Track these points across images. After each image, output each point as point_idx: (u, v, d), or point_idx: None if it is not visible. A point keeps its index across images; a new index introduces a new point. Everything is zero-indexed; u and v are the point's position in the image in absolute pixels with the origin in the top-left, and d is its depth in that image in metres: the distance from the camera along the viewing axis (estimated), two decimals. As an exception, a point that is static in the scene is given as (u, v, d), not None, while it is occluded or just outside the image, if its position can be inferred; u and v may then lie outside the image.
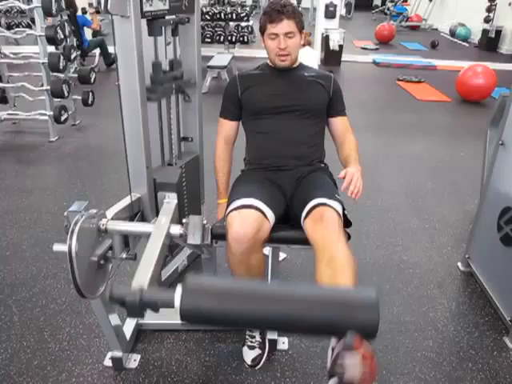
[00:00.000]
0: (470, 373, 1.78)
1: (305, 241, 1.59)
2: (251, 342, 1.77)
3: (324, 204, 1.54)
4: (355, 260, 1.41)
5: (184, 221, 1.40)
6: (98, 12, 8.03)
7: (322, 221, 1.49)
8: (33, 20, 5.20)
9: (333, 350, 1.09)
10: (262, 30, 1.74)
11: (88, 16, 7.29)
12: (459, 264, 2.45)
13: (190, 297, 1.02)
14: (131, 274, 2.32)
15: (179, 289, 1.02)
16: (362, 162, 1.76)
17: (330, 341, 1.16)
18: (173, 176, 1.72)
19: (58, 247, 1.26)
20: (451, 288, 2.29)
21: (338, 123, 1.88)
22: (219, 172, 1.93)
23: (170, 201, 1.61)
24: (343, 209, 1.60)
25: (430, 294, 2.22)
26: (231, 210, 1.56)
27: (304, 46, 1.68)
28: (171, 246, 2.10)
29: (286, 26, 1.68)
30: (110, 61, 7.02)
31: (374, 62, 8.54)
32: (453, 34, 12.49)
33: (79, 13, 6.66)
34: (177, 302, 1.01)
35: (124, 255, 1.48)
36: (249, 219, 1.50)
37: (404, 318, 2.06)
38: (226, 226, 1.54)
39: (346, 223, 1.62)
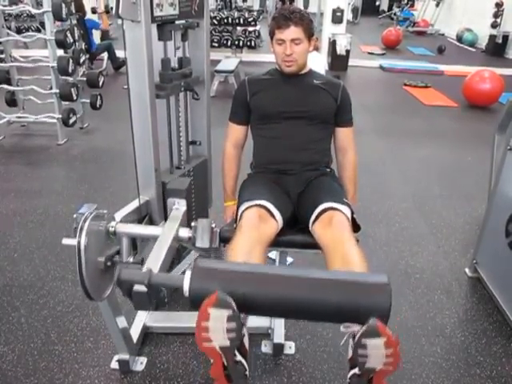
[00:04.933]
0: (479, 379, 1.76)
1: (312, 245, 1.59)
2: None
3: (333, 208, 1.54)
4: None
5: (192, 224, 1.40)
6: (107, 12, 8.07)
7: (331, 224, 1.49)
8: (42, 24, 5.27)
9: (353, 337, 1.06)
10: (271, 36, 1.75)
11: (96, 16, 7.31)
12: (467, 269, 2.44)
13: (201, 280, 0.97)
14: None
15: (189, 272, 0.99)
16: (369, 167, 1.77)
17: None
18: (183, 182, 1.73)
19: (68, 241, 1.26)
20: (459, 294, 2.27)
21: (342, 134, 1.89)
22: (227, 175, 1.93)
23: (179, 207, 1.61)
24: (352, 213, 1.61)
25: (437, 300, 2.21)
26: (243, 212, 1.56)
27: (311, 51, 1.67)
28: (179, 250, 2.11)
29: (293, 32, 1.68)
30: (117, 64, 7.07)
31: (381, 67, 8.54)
32: (460, 39, 12.47)
33: (88, 15, 6.71)
34: (186, 286, 0.97)
35: (131, 259, 1.49)
36: (259, 216, 1.52)
37: (411, 323, 2.05)
38: (236, 226, 1.54)
39: (355, 228, 1.61)
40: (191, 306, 1.01)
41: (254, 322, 1.59)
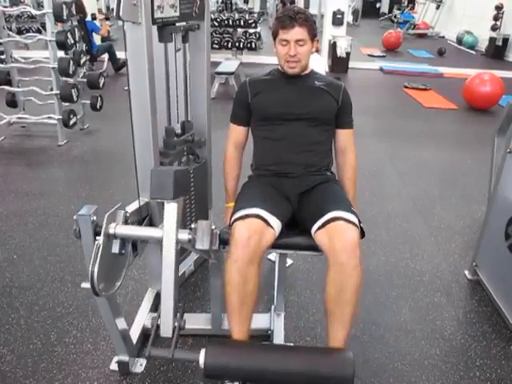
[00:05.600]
0: (478, 382, 1.76)
1: (312, 247, 1.59)
2: None
3: (343, 219, 1.53)
4: (361, 285, 1.50)
5: (192, 226, 1.40)
6: (107, 18, 8.13)
7: (342, 239, 1.48)
8: (43, 25, 5.28)
9: None
10: (274, 36, 1.74)
11: (97, 22, 7.38)
12: (466, 272, 2.44)
13: (213, 356, 1.39)
14: (138, 279, 2.32)
15: (203, 350, 1.38)
16: (369, 169, 1.77)
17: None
18: (166, 182, 1.38)
19: (86, 285, 1.31)
20: (458, 296, 2.27)
21: (343, 136, 1.88)
22: (228, 176, 1.93)
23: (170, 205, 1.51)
24: (359, 221, 1.59)
25: (436, 302, 2.21)
26: (236, 219, 1.56)
27: (313, 52, 1.68)
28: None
29: (298, 33, 1.68)
30: (118, 66, 7.08)
31: (381, 69, 8.55)
32: (460, 41, 12.49)
33: (88, 18, 6.73)
34: (201, 360, 1.37)
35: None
36: (252, 227, 1.51)
37: (411, 325, 2.05)
38: (231, 233, 1.54)
39: (360, 234, 1.59)
40: (204, 377, 1.41)
41: (255, 323, 1.59)
